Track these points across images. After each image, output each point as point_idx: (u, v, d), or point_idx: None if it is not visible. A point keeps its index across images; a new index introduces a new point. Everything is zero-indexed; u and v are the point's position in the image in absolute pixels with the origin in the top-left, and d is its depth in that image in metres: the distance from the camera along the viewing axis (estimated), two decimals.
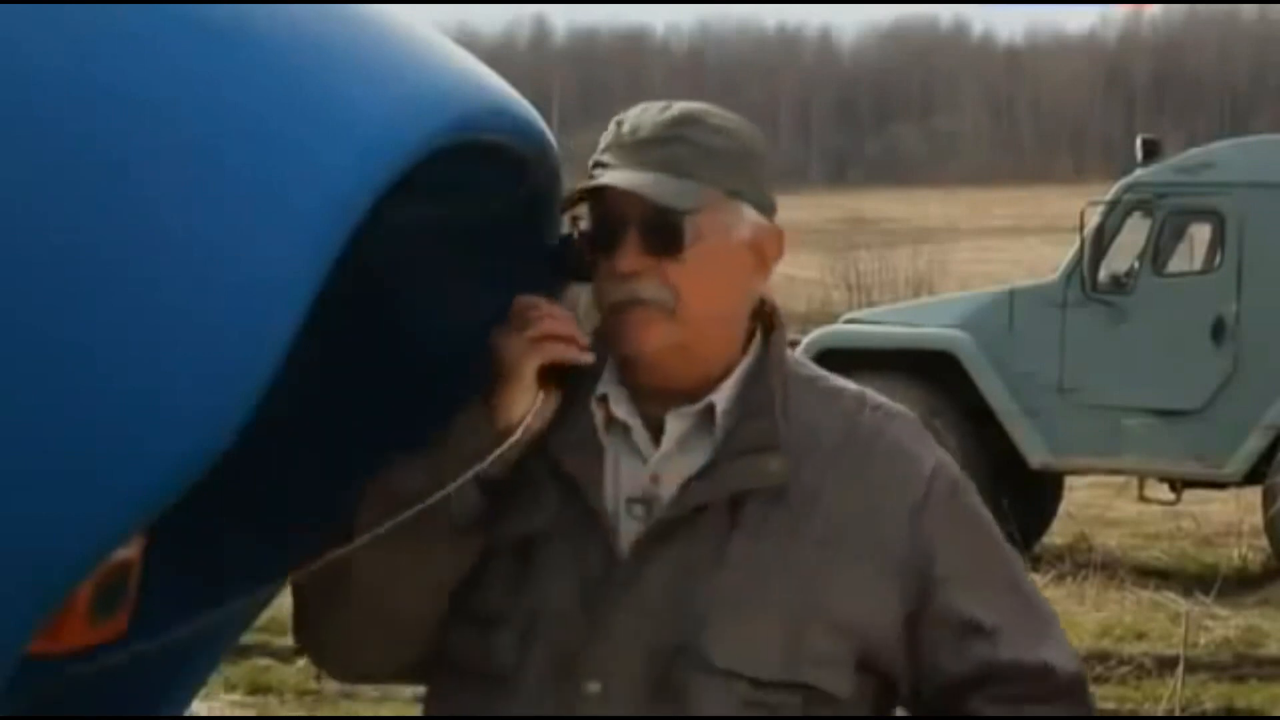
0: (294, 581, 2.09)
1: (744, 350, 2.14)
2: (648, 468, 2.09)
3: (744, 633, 2.04)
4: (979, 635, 2.09)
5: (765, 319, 2.17)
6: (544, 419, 2.06)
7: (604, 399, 2.11)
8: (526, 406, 2.04)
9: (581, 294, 2.13)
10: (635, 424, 2.10)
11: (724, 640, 2.03)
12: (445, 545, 2.05)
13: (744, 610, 2.04)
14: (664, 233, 2.04)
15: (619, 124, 2.11)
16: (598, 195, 2.06)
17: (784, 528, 2.07)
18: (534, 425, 2.04)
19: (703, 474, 2.07)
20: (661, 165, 2.05)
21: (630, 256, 2.04)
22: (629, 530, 2.07)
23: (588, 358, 2.06)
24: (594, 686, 2.03)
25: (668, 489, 2.08)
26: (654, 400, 2.11)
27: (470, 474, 1.99)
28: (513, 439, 2.02)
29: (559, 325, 2.05)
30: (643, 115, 2.10)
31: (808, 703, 2.05)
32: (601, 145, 2.10)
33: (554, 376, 2.06)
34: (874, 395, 2.21)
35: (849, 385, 2.21)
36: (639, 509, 2.07)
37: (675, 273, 2.05)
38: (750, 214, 2.10)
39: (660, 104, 2.12)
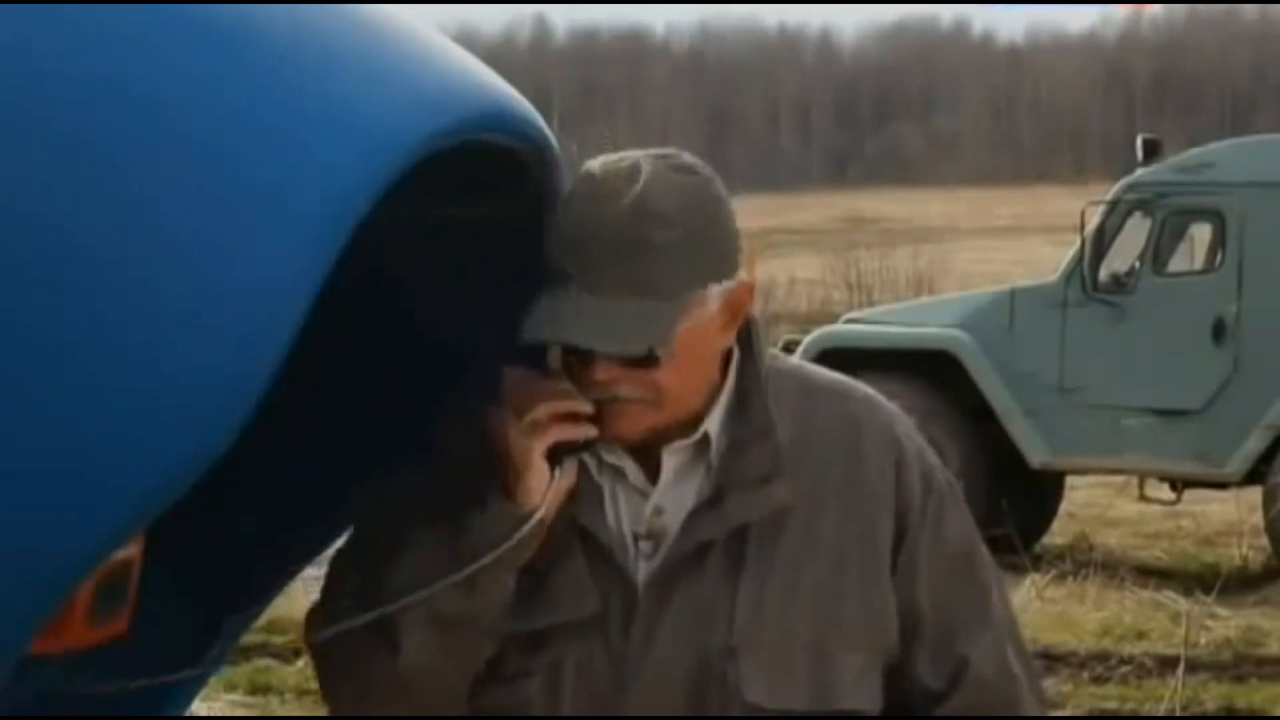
0: (329, 688, 2.08)
1: (723, 372, 2.08)
2: (649, 502, 2.06)
3: (771, 668, 2.02)
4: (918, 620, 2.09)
5: (739, 332, 2.09)
6: (563, 494, 2.01)
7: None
8: (543, 489, 1.99)
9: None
10: (629, 466, 2.07)
11: (752, 679, 2.02)
12: (489, 643, 2.02)
13: (766, 645, 2.03)
14: (638, 358, 1.99)
15: (588, 202, 1.97)
16: None
17: (791, 551, 2.05)
18: (554, 501, 2.00)
19: (709, 505, 2.04)
20: (625, 286, 1.96)
21: (604, 369, 1.99)
22: (640, 569, 2.05)
23: (593, 432, 2.01)
24: None
25: (672, 521, 2.05)
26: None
27: (497, 553, 1.96)
28: (537, 516, 1.97)
29: (560, 405, 2.00)
30: (604, 207, 1.96)
31: None
32: (562, 230, 1.97)
33: (565, 449, 2.02)
34: (852, 384, 2.18)
35: (827, 376, 2.18)
36: (646, 545, 2.05)
37: (654, 376, 2.00)
38: (719, 288, 2.01)
39: (624, 169, 1.99)
